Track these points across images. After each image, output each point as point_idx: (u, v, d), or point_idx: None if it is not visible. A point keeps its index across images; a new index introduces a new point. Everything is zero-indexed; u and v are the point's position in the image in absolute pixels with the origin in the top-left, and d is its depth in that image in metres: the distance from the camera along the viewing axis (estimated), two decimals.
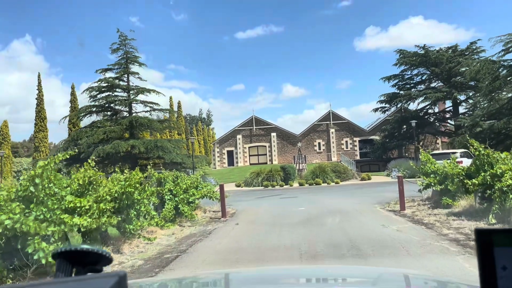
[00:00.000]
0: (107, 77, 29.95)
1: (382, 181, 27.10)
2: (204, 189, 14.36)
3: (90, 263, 0.95)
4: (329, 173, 28.33)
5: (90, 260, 0.94)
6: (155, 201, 11.25)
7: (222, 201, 13.56)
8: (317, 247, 7.50)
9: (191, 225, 12.37)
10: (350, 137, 53.28)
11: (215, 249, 8.28)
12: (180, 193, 12.64)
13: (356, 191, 21.24)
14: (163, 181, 12.64)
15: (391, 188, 22.10)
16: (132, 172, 9.16)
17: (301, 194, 21.06)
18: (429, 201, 14.67)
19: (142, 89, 30.16)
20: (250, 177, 29.24)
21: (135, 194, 9.29)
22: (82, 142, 26.55)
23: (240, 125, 54.83)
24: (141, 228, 9.91)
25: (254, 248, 8.06)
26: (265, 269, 3.85)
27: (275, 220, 11.55)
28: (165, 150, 27.01)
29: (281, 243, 8.38)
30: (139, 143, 26.15)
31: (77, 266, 0.94)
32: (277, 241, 8.50)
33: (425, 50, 41.78)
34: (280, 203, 16.80)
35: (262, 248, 7.90)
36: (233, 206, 17.14)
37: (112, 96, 30.23)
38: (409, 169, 28.31)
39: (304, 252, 7.19)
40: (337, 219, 10.92)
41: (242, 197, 21.34)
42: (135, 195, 9.31)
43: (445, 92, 39.21)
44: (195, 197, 13.41)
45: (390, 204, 14.69)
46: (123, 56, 30.75)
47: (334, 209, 13.50)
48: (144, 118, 28.54)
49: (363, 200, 16.36)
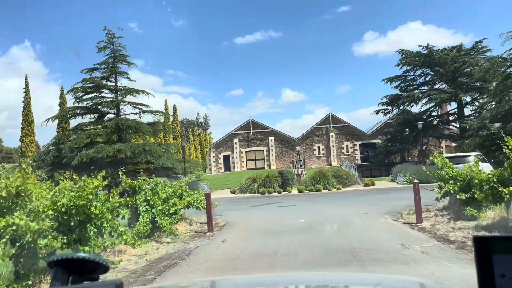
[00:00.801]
0: (92, 76, 28.07)
1: (387, 187, 25.22)
2: (188, 198, 12.47)
3: (87, 271, 0.95)
4: (330, 178, 26.46)
5: (87, 268, 0.94)
6: (124, 214, 9.35)
7: (208, 212, 11.66)
8: None
9: (171, 242, 10.47)
10: (351, 141, 51.45)
11: (189, 280, 6.38)
12: (158, 203, 10.74)
13: (360, 198, 19.35)
14: (137, 189, 10.73)
15: (399, 195, 20.23)
16: (86, 179, 7.29)
17: (300, 202, 19.17)
18: (447, 211, 12.80)
19: (131, 89, 28.31)
20: (245, 183, 27.34)
21: (92, 207, 7.43)
22: (64, 146, 24.64)
23: (236, 129, 52.97)
24: (102, 249, 8.04)
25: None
26: (261, 276, 3.58)
27: (268, 238, 9.64)
28: (154, 154, 25.11)
29: (276, 266, 6.55)
30: (126, 147, 24.25)
31: (74, 275, 0.94)
32: (271, 264, 6.64)
33: (429, 49, 40.08)
34: (276, 214, 14.89)
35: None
36: (225, 216, 15.26)
37: (99, 97, 28.36)
38: (416, 174, 26.45)
39: None
40: (345, 237, 9.03)
41: (236, 205, 19.43)
42: (93, 208, 7.44)
43: (450, 93, 37.42)
44: (177, 208, 11.51)
45: (403, 214, 12.81)
46: (111, 55, 28.92)
47: (339, 221, 11.61)
48: (131, 121, 26.65)
49: (370, 209, 14.47)
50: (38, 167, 26.23)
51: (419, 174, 26.45)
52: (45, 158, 25.27)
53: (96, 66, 28.61)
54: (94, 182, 7.14)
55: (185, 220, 13.79)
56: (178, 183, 12.77)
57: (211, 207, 11.67)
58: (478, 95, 39.71)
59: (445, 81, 41.02)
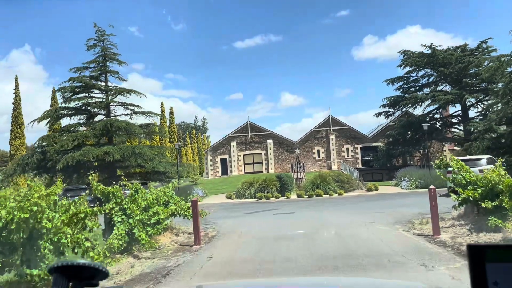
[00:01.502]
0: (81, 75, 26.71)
1: (392, 192, 23.81)
2: (173, 206, 11.07)
3: (87, 277, 0.95)
4: (331, 183, 25.03)
5: (87, 274, 0.95)
6: (93, 226, 7.94)
7: (194, 223, 10.24)
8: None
9: (151, 257, 9.06)
10: (351, 144, 50.06)
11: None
12: (136, 212, 9.32)
13: (365, 204, 17.93)
14: (111, 196, 9.31)
15: (405, 201, 18.82)
16: (34, 185, 5.87)
17: (299, 208, 17.74)
18: (465, 220, 11.39)
19: (121, 89, 26.93)
20: (242, 188, 25.90)
21: (44, 220, 6.03)
22: (49, 149, 23.20)
23: (234, 132, 51.56)
24: None
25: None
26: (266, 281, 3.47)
27: (263, 254, 8.22)
28: (144, 157, 23.69)
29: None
30: (114, 150, 22.83)
31: (74, 281, 0.94)
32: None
33: (432, 49, 38.78)
34: (273, 222, 13.45)
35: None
36: (217, 224, 13.86)
37: (88, 97, 26.98)
38: (422, 179, 25.09)
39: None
40: (352, 253, 7.61)
41: (230, 212, 18.01)
42: (45, 222, 6.05)
43: (455, 95, 36.08)
44: (159, 217, 10.09)
45: (415, 224, 11.42)
46: (101, 54, 27.58)
47: (343, 232, 10.19)
48: (121, 122, 25.24)
49: (377, 217, 13.06)
50: (23, 171, 24.78)
51: (425, 178, 25.09)
52: (29, 162, 23.83)
53: (85, 64, 27.28)
54: (42, 189, 5.72)
55: (172, 230, 12.37)
56: (162, 189, 11.36)
57: (198, 216, 10.25)
58: (483, 97, 38.39)
59: (449, 82, 39.70)
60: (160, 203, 11.04)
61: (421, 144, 40.87)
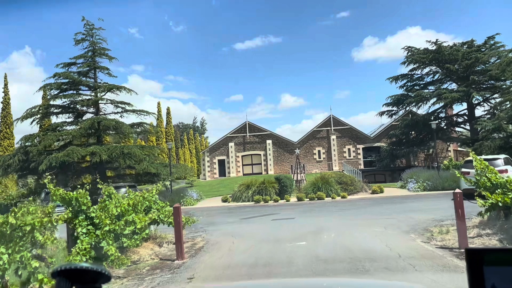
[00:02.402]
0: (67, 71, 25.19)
1: (399, 195, 22.28)
2: (153, 214, 9.55)
3: (89, 281, 0.95)
4: (333, 185, 23.50)
5: (89, 278, 0.94)
6: (43, 241, 6.43)
7: (176, 233, 8.69)
8: None
9: (122, 276, 7.55)
10: (353, 144, 48.52)
11: None
12: (104, 222, 7.79)
13: (372, 209, 16.38)
14: (74, 202, 7.77)
15: (416, 204, 17.30)
16: None
17: (300, 213, 16.20)
18: (491, 229, 9.89)
19: (110, 86, 25.39)
20: (238, 190, 24.36)
21: None
22: (32, 149, 21.67)
23: (232, 132, 50.02)
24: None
25: None
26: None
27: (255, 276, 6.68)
28: (134, 158, 22.14)
29: None
30: (101, 150, 21.29)
31: (77, 284, 0.94)
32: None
33: (438, 45, 37.24)
34: (270, 231, 11.90)
35: None
36: (207, 232, 12.35)
37: (75, 94, 25.46)
38: (430, 180, 23.55)
39: None
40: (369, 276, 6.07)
41: (224, 217, 16.47)
42: None
43: (462, 92, 34.53)
44: (135, 227, 8.56)
45: (433, 233, 9.90)
46: (89, 49, 26.06)
47: (353, 245, 8.65)
48: (110, 120, 23.71)
49: (388, 225, 11.53)
50: (5, 173, 23.24)
51: (434, 180, 23.56)
52: (10, 163, 22.29)
53: (73, 60, 25.76)
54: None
55: (155, 240, 10.85)
56: (141, 194, 9.82)
57: (181, 226, 8.70)
58: (490, 95, 36.85)
59: (455, 80, 38.15)
60: (139, 209, 9.52)
61: (426, 144, 39.38)
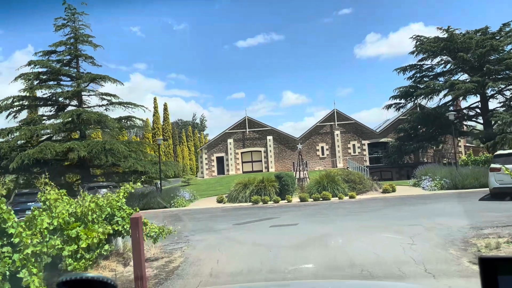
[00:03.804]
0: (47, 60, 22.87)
1: (414, 195, 19.90)
2: (113, 226, 7.23)
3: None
4: (340, 183, 21.14)
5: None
6: None
7: (135, 253, 6.29)
8: None
9: None
10: (358, 140, 46.14)
11: None
12: (26, 242, 5.44)
13: (388, 212, 13.99)
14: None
15: (439, 206, 14.86)
16: None
17: (303, 218, 13.85)
18: None
19: (94, 76, 23.06)
20: (235, 190, 22.04)
21: None
22: (2, 145, 19.36)
23: (231, 128, 47.68)
24: None
25: None
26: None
27: None
28: (117, 154, 19.81)
29: None
30: (79, 145, 18.99)
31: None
32: None
33: (450, 33, 34.75)
34: (267, 244, 9.52)
35: None
36: (190, 244, 10.02)
37: (56, 85, 23.14)
38: (449, 178, 21.15)
39: None
40: None
41: (215, 222, 14.14)
42: None
43: (476, 83, 32.04)
44: (79, 246, 6.22)
45: (479, 247, 7.54)
46: (71, 35, 23.72)
47: (379, 270, 6.30)
48: (92, 113, 21.39)
49: (415, 234, 9.16)
50: None
51: (452, 177, 21.16)
52: None
53: (52, 48, 23.42)
54: None
55: (120, 257, 8.51)
56: (94, 198, 7.47)
57: (141, 244, 6.29)
58: (505, 86, 34.36)
59: (468, 70, 35.59)
60: (93, 219, 7.19)
61: (437, 139, 36.96)
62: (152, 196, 21.64)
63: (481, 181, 20.21)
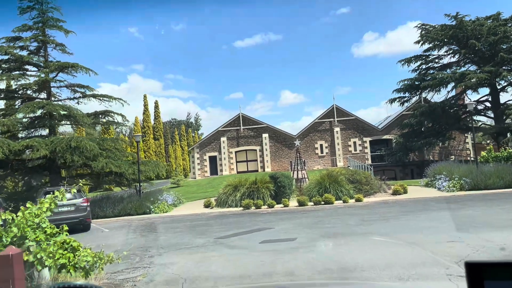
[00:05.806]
0: (8, 46, 20.07)
1: (430, 197, 17.20)
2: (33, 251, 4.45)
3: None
4: (344, 184, 18.45)
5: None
6: None
7: None
8: None
9: None
10: (359, 137, 43.46)
11: None
12: None
13: (407, 221, 11.25)
14: None
15: (471, 213, 12.01)
16: None
17: (303, 230, 11.10)
18: None
19: (63, 64, 20.27)
20: (224, 193, 19.30)
21: None
22: None
23: (224, 125, 44.90)
24: None
25: None
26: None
27: None
28: (85, 153, 17.02)
29: None
30: (39, 142, 16.20)
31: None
32: None
33: (459, 20, 32.12)
34: (254, 273, 6.76)
35: None
36: (149, 270, 7.29)
37: (20, 75, 20.35)
38: (469, 177, 18.47)
39: None
40: None
41: (193, 237, 11.35)
42: None
43: (489, 73, 29.44)
44: None
45: None
46: (37, 19, 20.91)
47: None
48: (57, 106, 18.61)
49: (457, 256, 6.46)
50: None
51: (473, 176, 18.49)
52: None
53: (16, 34, 20.61)
54: None
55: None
56: None
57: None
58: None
59: (478, 61, 32.99)
60: None
61: (445, 134, 34.33)
62: (129, 201, 18.91)
63: (507, 180, 17.61)
